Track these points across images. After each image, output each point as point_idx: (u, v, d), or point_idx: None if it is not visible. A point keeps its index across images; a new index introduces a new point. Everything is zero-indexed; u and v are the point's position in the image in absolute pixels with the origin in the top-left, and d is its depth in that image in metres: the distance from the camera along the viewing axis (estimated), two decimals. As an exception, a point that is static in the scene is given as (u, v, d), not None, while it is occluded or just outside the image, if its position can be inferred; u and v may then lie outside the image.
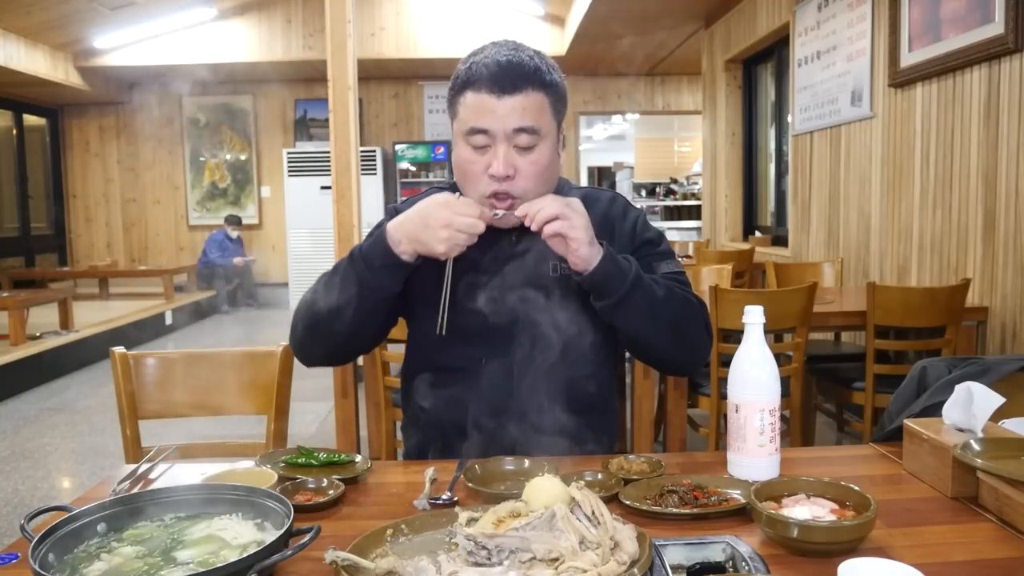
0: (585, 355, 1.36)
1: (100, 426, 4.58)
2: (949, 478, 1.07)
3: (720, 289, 2.77)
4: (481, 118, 1.24)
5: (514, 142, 1.24)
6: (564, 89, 1.31)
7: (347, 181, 3.43)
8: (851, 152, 4.34)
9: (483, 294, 1.33)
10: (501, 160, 1.23)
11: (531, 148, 1.25)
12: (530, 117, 1.24)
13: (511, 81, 1.23)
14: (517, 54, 1.25)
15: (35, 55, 7.93)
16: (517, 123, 1.23)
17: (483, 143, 1.25)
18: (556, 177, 1.35)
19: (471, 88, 1.24)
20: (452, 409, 1.36)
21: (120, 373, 1.64)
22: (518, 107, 1.23)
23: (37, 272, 8.87)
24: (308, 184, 9.22)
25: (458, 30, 8.39)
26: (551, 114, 1.28)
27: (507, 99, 1.23)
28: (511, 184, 1.25)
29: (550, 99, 1.27)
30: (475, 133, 1.24)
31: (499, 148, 1.24)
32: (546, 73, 1.26)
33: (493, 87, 1.22)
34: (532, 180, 1.26)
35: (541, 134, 1.25)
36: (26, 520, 0.91)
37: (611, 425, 1.51)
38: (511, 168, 1.24)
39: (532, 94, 1.24)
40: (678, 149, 12.33)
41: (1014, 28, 2.91)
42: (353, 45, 3.49)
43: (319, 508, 1.08)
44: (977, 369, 1.29)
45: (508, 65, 1.23)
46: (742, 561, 0.85)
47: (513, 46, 1.28)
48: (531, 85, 1.24)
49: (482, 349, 1.34)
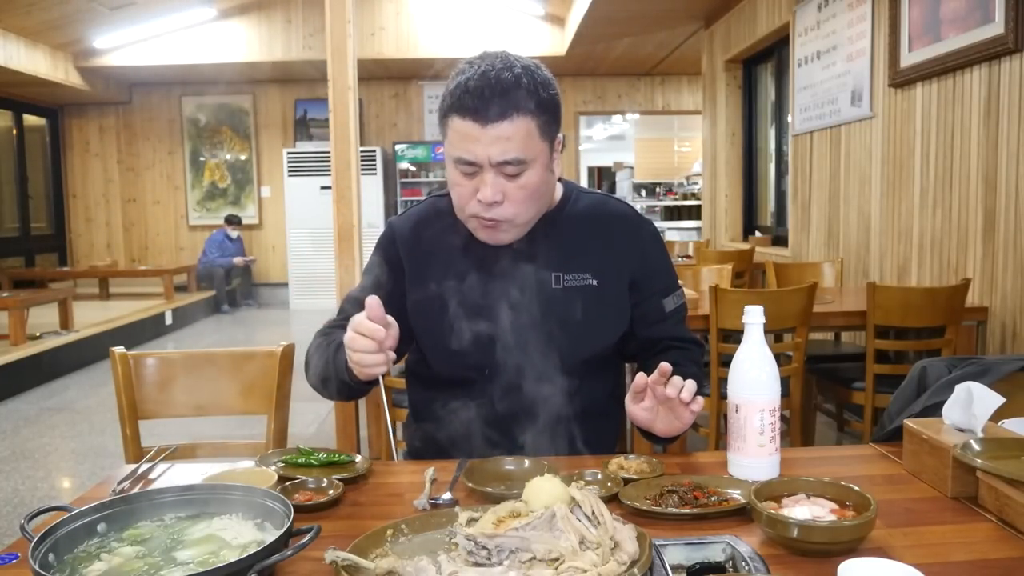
0: (588, 365, 1.37)
1: (100, 426, 4.58)
2: (949, 478, 1.07)
3: (720, 289, 2.77)
4: (466, 148, 1.21)
5: (501, 170, 1.22)
6: (555, 103, 1.27)
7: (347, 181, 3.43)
8: (851, 152, 4.34)
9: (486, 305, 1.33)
10: (488, 188, 1.22)
11: (518, 175, 1.23)
12: (515, 148, 1.20)
13: (496, 109, 1.18)
14: (502, 75, 1.20)
15: (35, 55, 7.93)
16: (500, 156, 1.20)
17: (470, 171, 1.24)
18: (549, 194, 1.33)
19: (456, 113, 1.21)
20: (454, 418, 1.36)
21: (120, 373, 1.64)
22: (503, 136, 1.19)
23: (37, 272, 8.87)
24: (308, 184, 9.22)
25: (458, 30, 8.39)
26: (539, 136, 1.23)
27: (491, 128, 1.19)
28: (499, 210, 1.24)
29: (538, 121, 1.22)
30: (462, 163, 1.23)
31: (486, 176, 1.22)
32: (532, 94, 1.21)
33: (477, 115, 1.19)
34: (521, 205, 1.25)
35: (528, 161, 1.22)
36: (26, 520, 0.91)
37: (613, 432, 1.51)
38: (499, 194, 1.23)
39: (518, 120, 1.20)
40: (678, 149, 12.32)
41: (1014, 28, 2.91)
42: (353, 45, 3.49)
43: (319, 508, 1.08)
44: (977, 369, 1.29)
45: (491, 91, 1.19)
46: (742, 561, 0.85)
47: (502, 63, 1.22)
48: (516, 111, 1.19)
49: (485, 360, 1.34)
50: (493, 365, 1.34)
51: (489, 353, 1.33)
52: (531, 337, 1.31)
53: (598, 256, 1.38)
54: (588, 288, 1.36)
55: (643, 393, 1.25)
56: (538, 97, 1.22)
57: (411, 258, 1.41)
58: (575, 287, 1.36)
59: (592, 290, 1.37)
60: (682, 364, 1.42)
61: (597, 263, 1.38)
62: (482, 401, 1.35)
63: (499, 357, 1.33)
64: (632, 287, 1.41)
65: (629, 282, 1.40)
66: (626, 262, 1.39)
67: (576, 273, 1.37)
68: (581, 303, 1.35)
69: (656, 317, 1.44)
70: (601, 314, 1.37)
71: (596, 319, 1.37)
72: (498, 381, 1.34)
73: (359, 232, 3.49)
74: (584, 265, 1.37)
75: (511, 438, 1.31)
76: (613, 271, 1.39)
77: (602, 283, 1.37)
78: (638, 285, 1.41)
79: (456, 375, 1.38)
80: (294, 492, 1.10)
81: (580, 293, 1.36)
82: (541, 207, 1.31)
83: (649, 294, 1.43)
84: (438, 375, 1.41)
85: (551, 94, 1.25)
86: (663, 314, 1.44)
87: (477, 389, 1.35)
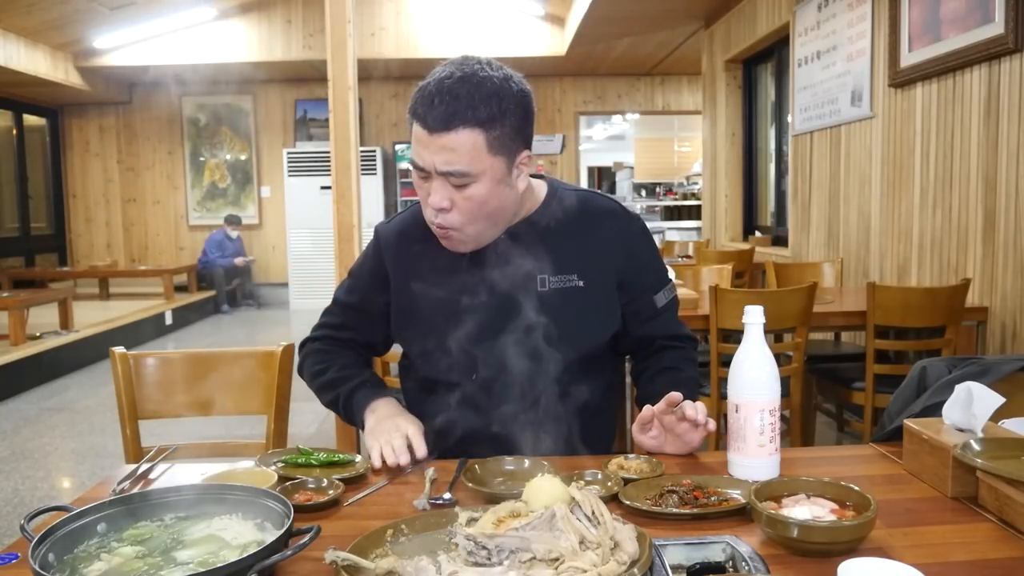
0: (579, 365, 1.37)
1: (100, 426, 4.58)
2: (949, 478, 1.07)
3: (720, 289, 2.77)
4: (418, 152, 1.22)
5: (447, 179, 1.21)
6: (517, 119, 1.22)
7: (347, 181, 3.42)
8: (851, 152, 4.34)
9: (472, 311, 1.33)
10: (435, 195, 1.22)
11: (464, 186, 1.21)
12: (457, 159, 1.18)
13: (442, 118, 1.17)
14: (457, 86, 1.17)
15: (35, 55, 7.93)
16: (443, 166, 1.19)
17: (423, 175, 1.24)
18: (506, 208, 1.29)
19: (414, 117, 1.21)
20: (445, 421, 1.36)
21: (120, 373, 1.64)
22: (447, 147, 1.18)
23: (37, 272, 8.87)
24: (308, 184, 9.22)
25: (458, 30, 8.38)
26: (487, 151, 1.19)
27: (437, 137, 1.18)
28: (447, 217, 1.24)
29: (488, 136, 1.18)
30: (415, 166, 1.24)
31: (435, 182, 1.22)
32: (484, 108, 1.17)
33: (425, 122, 1.18)
34: (467, 216, 1.24)
35: (472, 175, 1.20)
36: (26, 520, 0.91)
37: (608, 428, 1.51)
38: (446, 200, 1.22)
39: (463, 132, 1.17)
40: (678, 149, 12.33)
41: (1014, 28, 2.91)
42: (353, 45, 3.48)
43: (319, 508, 1.08)
44: (977, 369, 1.28)
45: (441, 99, 1.17)
46: (742, 561, 0.85)
47: (462, 73, 1.19)
48: (461, 123, 1.17)
49: (471, 366, 1.34)
50: (480, 370, 1.34)
51: (475, 359, 1.33)
52: (518, 342, 1.30)
53: (583, 255, 1.37)
54: (574, 289, 1.35)
55: (650, 424, 1.26)
56: (489, 111, 1.18)
57: (396, 265, 1.41)
58: (561, 289, 1.35)
59: (578, 291, 1.35)
60: (680, 366, 1.43)
61: (582, 263, 1.36)
62: (472, 404, 1.35)
63: (486, 363, 1.33)
64: (621, 285, 1.40)
65: (617, 280, 1.39)
66: (612, 260, 1.38)
67: (562, 275, 1.35)
68: (568, 305, 1.34)
69: (649, 314, 1.43)
70: (589, 315, 1.37)
71: (584, 321, 1.36)
72: (486, 385, 1.34)
73: (359, 232, 3.49)
74: (569, 266, 1.36)
75: (502, 439, 1.30)
76: (599, 270, 1.37)
77: (588, 283, 1.36)
78: (627, 282, 1.40)
79: (444, 379, 1.38)
80: (294, 492, 1.10)
81: (566, 295, 1.35)
82: (497, 221, 1.29)
83: (639, 291, 1.42)
84: (426, 378, 1.42)
85: (509, 108, 1.20)
86: (655, 310, 1.43)
87: (466, 392, 1.35)
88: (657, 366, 1.44)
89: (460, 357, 1.34)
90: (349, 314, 1.49)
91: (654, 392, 1.33)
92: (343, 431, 3.14)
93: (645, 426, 1.26)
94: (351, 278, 1.51)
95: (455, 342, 1.33)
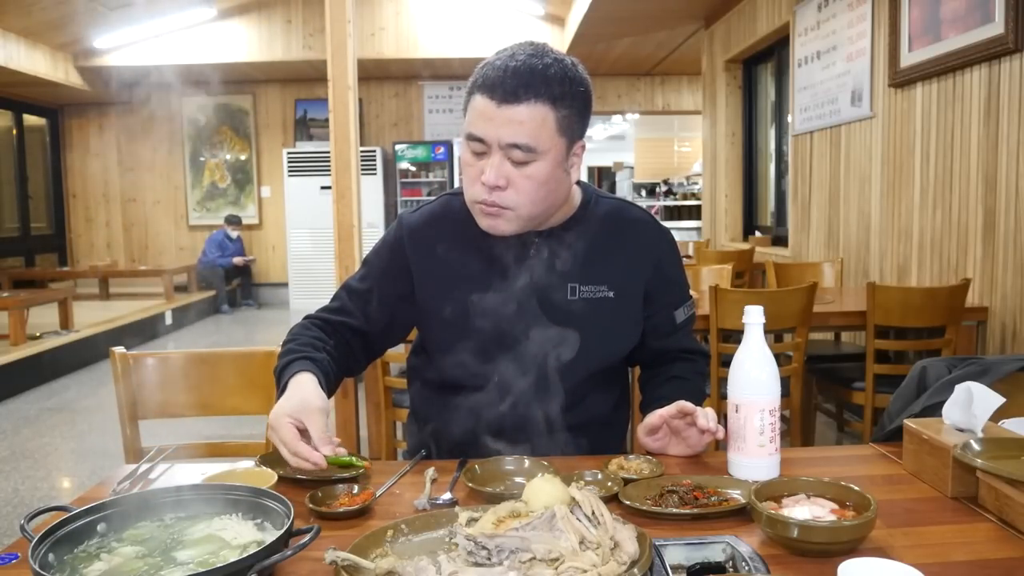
0: (596, 376, 1.36)
1: (100, 426, 4.58)
2: (949, 478, 1.07)
3: (720, 289, 2.77)
4: (479, 125, 1.19)
5: (508, 155, 1.19)
6: (583, 101, 1.23)
7: (347, 181, 3.42)
8: (851, 152, 4.34)
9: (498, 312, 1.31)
10: (492, 170, 1.19)
11: (526, 163, 1.19)
12: (525, 133, 1.17)
13: (513, 90, 1.16)
14: (531, 60, 1.17)
15: (35, 55, 7.93)
16: (510, 138, 1.17)
17: (480, 150, 1.21)
18: (559, 194, 1.28)
19: (479, 90, 1.19)
20: (458, 423, 1.34)
21: (120, 373, 1.64)
22: (515, 119, 1.16)
23: (37, 272, 8.87)
24: (308, 184, 9.22)
25: (458, 30, 8.39)
26: (555, 129, 1.19)
27: (506, 109, 1.16)
28: (501, 195, 1.21)
29: (557, 114, 1.18)
30: (472, 139, 1.21)
31: (494, 157, 1.19)
32: (558, 85, 1.18)
33: (495, 93, 1.17)
34: (525, 195, 1.21)
35: (538, 151, 1.18)
36: (26, 520, 0.91)
37: (619, 440, 1.50)
38: (503, 179, 1.19)
39: (535, 106, 1.17)
40: (678, 149, 12.33)
41: (1014, 28, 2.91)
42: (353, 45, 3.48)
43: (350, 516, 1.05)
44: (977, 369, 1.28)
45: (515, 72, 1.16)
46: (742, 561, 0.85)
47: (535, 51, 1.20)
48: (535, 97, 1.16)
49: (492, 368, 1.32)
50: (500, 373, 1.32)
51: (497, 362, 1.31)
52: (542, 348, 1.29)
53: (615, 266, 1.35)
54: (604, 300, 1.34)
55: (657, 429, 1.26)
56: (561, 89, 1.18)
57: (421, 260, 1.37)
58: (591, 299, 1.33)
59: (608, 302, 1.34)
60: (689, 377, 1.43)
61: (614, 274, 1.35)
62: (486, 407, 1.33)
63: (507, 366, 1.31)
64: (646, 298, 1.38)
65: (644, 293, 1.38)
66: (642, 272, 1.37)
67: (592, 284, 1.33)
68: (596, 316, 1.32)
69: (668, 329, 1.42)
70: (615, 327, 1.35)
71: (609, 333, 1.35)
72: (504, 389, 1.32)
73: (359, 232, 3.49)
74: (601, 276, 1.34)
75: (514, 444, 1.29)
76: (629, 282, 1.36)
77: (619, 295, 1.34)
78: (652, 296, 1.38)
79: (461, 380, 1.35)
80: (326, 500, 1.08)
81: (595, 305, 1.33)
82: (549, 206, 1.27)
83: (662, 305, 1.40)
84: (443, 379, 1.39)
85: (579, 91, 1.21)
86: (674, 326, 1.42)
87: (482, 395, 1.33)
88: (666, 375, 1.44)
89: (480, 360, 1.32)
90: (353, 299, 1.42)
91: (659, 398, 1.33)
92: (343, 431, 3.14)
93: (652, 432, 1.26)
94: (365, 267, 1.45)
95: (477, 344, 1.31)
